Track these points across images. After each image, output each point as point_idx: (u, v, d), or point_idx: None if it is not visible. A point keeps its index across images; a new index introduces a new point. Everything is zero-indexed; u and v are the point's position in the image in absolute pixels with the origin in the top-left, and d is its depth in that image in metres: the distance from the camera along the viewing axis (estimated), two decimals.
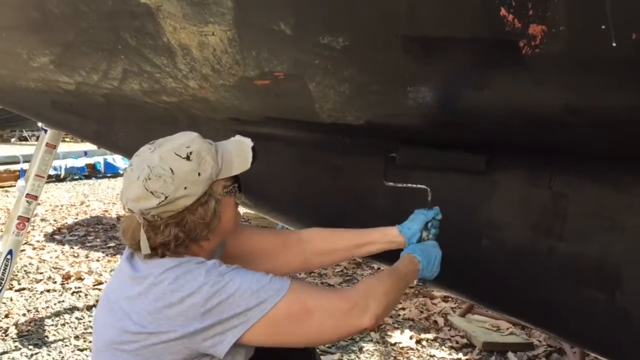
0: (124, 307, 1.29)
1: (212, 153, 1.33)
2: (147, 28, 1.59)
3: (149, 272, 1.30)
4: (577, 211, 1.43)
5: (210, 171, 1.31)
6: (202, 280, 1.25)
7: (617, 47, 0.88)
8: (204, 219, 1.31)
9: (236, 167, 1.37)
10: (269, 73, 1.47)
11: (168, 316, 1.24)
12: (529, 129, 1.29)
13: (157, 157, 1.29)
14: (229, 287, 1.25)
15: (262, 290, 1.26)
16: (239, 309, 1.24)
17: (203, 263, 1.30)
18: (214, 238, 1.37)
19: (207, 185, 1.31)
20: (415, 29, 1.10)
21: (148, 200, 1.27)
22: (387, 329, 3.55)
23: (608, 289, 1.40)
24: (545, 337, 3.33)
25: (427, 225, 1.58)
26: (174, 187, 1.27)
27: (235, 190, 1.38)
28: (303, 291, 1.30)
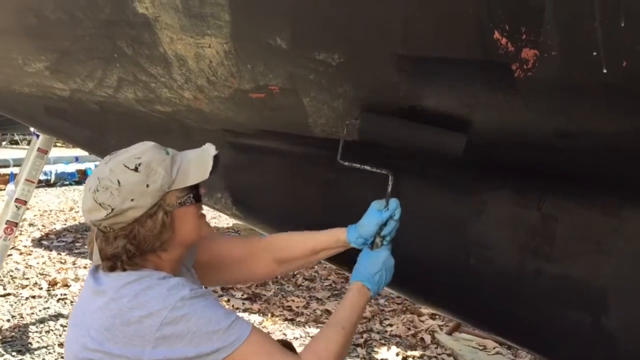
0: (86, 322, 1.27)
1: (166, 164, 1.31)
2: (144, 38, 1.60)
3: (109, 285, 1.27)
4: (565, 233, 1.44)
5: (161, 182, 1.29)
6: (162, 302, 1.22)
7: (608, 73, 0.89)
8: (152, 231, 1.28)
9: (193, 177, 1.33)
10: (264, 86, 1.48)
11: (125, 334, 1.21)
12: (520, 150, 1.30)
13: (108, 169, 1.29)
14: (187, 320, 1.21)
15: (217, 336, 1.22)
16: (190, 353, 1.20)
17: (165, 279, 1.27)
18: (173, 249, 1.34)
19: (158, 197, 1.29)
20: (410, 48, 1.12)
21: (97, 212, 1.27)
22: (374, 345, 3.54)
23: (594, 312, 1.41)
24: (531, 357, 3.33)
25: (381, 231, 1.47)
26: (120, 199, 1.26)
27: (190, 200, 1.34)
28: (254, 351, 1.25)
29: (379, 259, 1.47)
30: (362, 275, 1.45)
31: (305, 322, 3.88)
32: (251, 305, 4.18)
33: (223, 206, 2.10)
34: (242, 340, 1.24)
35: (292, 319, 3.92)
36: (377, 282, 1.45)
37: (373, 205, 1.49)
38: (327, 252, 1.58)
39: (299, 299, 4.33)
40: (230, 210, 2.10)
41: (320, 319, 3.95)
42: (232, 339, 1.23)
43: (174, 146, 1.44)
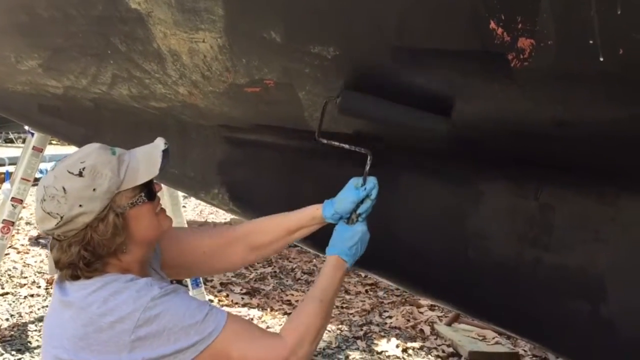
0: (57, 334, 1.25)
1: (112, 165, 1.27)
2: (137, 34, 1.58)
3: (76, 295, 1.26)
4: (563, 223, 1.44)
5: (108, 184, 1.25)
6: (132, 304, 1.20)
7: (605, 61, 0.89)
8: (105, 235, 1.25)
9: (142, 175, 1.30)
10: (259, 80, 1.47)
11: (99, 341, 1.20)
12: (517, 140, 1.30)
13: (53, 176, 1.26)
14: (161, 318, 1.20)
15: (194, 329, 1.22)
16: (169, 349, 1.20)
17: (133, 281, 1.25)
18: (134, 250, 1.31)
19: (107, 199, 1.25)
20: (406, 40, 1.11)
21: (48, 221, 1.25)
22: (374, 337, 3.55)
23: (592, 300, 1.41)
24: (531, 347, 3.35)
25: (357, 208, 1.46)
26: (67, 206, 1.23)
27: (142, 200, 1.30)
28: (233, 338, 1.25)
29: (356, 233, 1.45)
30: (338, 248, 1.43)
31: None
32: (250, 300, 4.19)
33: (220, 202, 2.10)
34: (220, 329, 1.23)
35: (291, 312, 3.92)
36: (353, 255, 1.44)
37: (351, 182, 1.47)
38: (303, 231, 1.55)
39: (297, 293, 4.33)
40: (228, 206, 2.10)
41: None
42: (209, 330, 1.22)
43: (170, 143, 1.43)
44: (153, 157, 1.32)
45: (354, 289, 4.47)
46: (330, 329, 3.66)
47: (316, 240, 1.60)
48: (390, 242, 1.71)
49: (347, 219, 1.47)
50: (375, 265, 1.80)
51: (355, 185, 1.47)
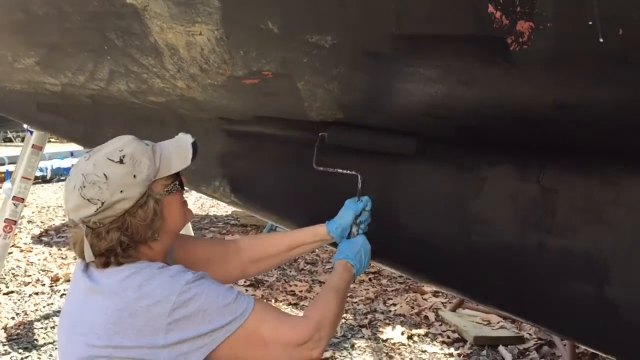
0: (87, 322, 1.27)
1: (149, 154, 1.33)
2: (134, 28, 1.58)
3: (108, 281, 1.28)
4: (566, 205, 1.44)
5: (147, 172, 1.31)
6: (167, 288, 1.24)
7: (605, 42, 0.88)
8: (145, 220, 1.30)
9: (175, 164, 1.37)
10: (258, 72, 1.47)
11: (134, 325, 1.22)
12: (518, 124, 1.30)
13: (91, 164, 1.30)
14: (196, 300, 1.24)
15: (227, 309, 1.26)
16: (205, 329, 1.24)
17: (165, 268, 1.29)
18: (164, 238, 1.36)
19: (145, 187, 1.30)
20: (404, 27, 1.10)
21: (86, 208, 1.27)
22: (379, 325, 3.57)
23: (596, 282, 1.41)
24: (536, 330, 3.36)
25: (357, 220, 1.62)
26: (109, 192, 1.27)
27: (176, 187, 1.38)
28: (263, 317, 1.30)
29: (358, 242, 1.61)
30: (345, 254, 1.57)
31: None
32: (254, 291, 4.20)
33: (222, 194, 2.10)
34: (250, 309, 1.29)
35: (296, 303, 3.93)
36: (359, 261, 1.57)
37: (347, 201, 1.66)
38: (303, 248, 1.68)
39: (301, 283, 4.34)
40: (229, 198, 2.10)
41: None
42: (241, 309, 1.28)
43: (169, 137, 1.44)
44: (183, 148, 1.41)
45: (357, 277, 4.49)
46: None
47: None
48: (393, 230, 1.71)
49: (348, 235, 1.63)
50: (378, 253, 1.80)
51: (352, 202, 1.65)
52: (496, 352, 3.18)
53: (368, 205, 1.64)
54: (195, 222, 6.34)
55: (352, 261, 1.56)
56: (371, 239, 1.64)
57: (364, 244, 1.61)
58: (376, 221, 1.67)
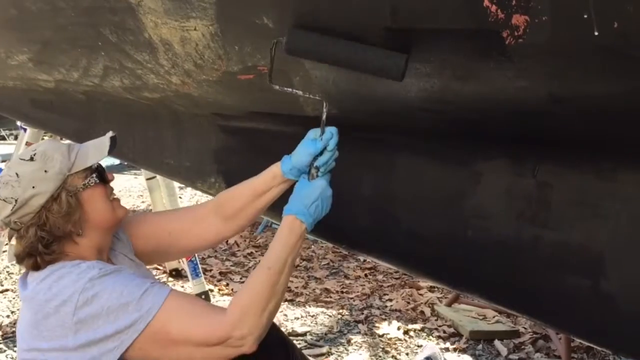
0: (19, 330, 1.33)
1: (62, 150, 1.36)
2: (128, 24, 1.57)
3: (30, 287, 1.32)
4: (561, 199, 1.44)
5: (60, 166, 1.33)
6: (72, 287, 1.25)
7: (600, 35, 0.88)
8: (60, 213, 1.31)
9: (92, 158, 1.39)
10: (253, 67, 1.46)
11: (47, 327, 1.24)
12: (513, 118, 1.30)
13: (7, 166, 1.35)
14: (99, 298, 1.23)
15: (132, 306, 1.23)
16: (110, 330, 1.22)
17: (77, 265, 1.30)
18: (90, 234, 1.37)
19: (59, 180, 1.33)
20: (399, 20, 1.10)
21: (3, 208, 1.31)
22: (375, 321, 3.57)
23: (592, 276, 1.42)
24: (531, 324, 3.37)
25: (315, 161, 1.40)
26: (21, 189, 1.30)
27: (94, 181, 1.38)
28: (171, 316, 1.24)
29: (315, 188, 1.38)
30: (295, 207, 1.37)
31: (305, 301, 3.90)
32: None
33: (217, 190, 2.09)
34: (159, 305, 1.24)
35: (292, 299, 3.93)
36: (312, 214, 1.36)
37: (309, 134, 1.42)
38: (271, 193, 1.52)
39: (297, 279, 4.34)
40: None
41: (320, 297, 3.97)
42: (147, 307, 1.23)
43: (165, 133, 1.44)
44: (101, 142, 1.43)
45: (353, 273, 4.48)
46: (331, 314, 3.68)
47: None
48: (388, 224, 1.71)
49: (308, 175, 1.40)
50: (374, 248, 1.80)
51: (312, 137, 1.41)
52: (492, 346, 3.19)
53: (331, 143, 1.39)
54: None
55: (303, 216, 1.35)
56: (367, 233, 1.64)
57: (322, 190, 1.38)
58: (372, 215, 1.67)
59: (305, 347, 3.16)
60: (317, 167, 1.40)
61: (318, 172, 1.40)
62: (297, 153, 1.43)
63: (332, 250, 4.95)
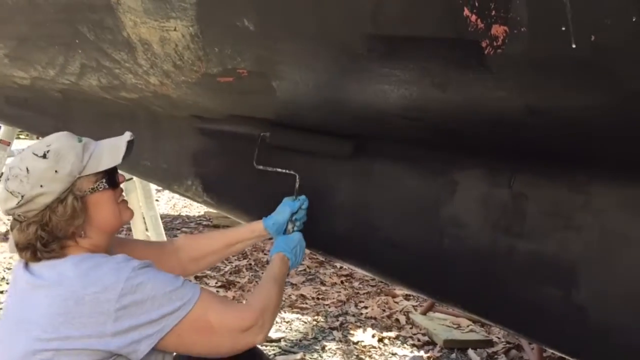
0: (31, 316, 1.25)
1: (77, 150, 1.34)
2: (106, 22, 1.55)
3: (52, 273, 1.28)
4: (536, 210, 1.45)
5: (71, 168, 1.31)
6: (115, 275, 1.24)
7: (577, 48, 0.89)
8: (63, 217, 1.30)
9: (105, 162, 1.37)
10: (233, 70, 1.45)
11: (82, 314, 1.21)
12: (490, 128, 1.30)
13: (19, 158, 1.33)
14: (143, 287, 1.25)
15: (175, 295, 1.28)
16: (154, 316, 1.25)
17: (110, 257, 1.30)
18: (93, 236, 1.36)
19: (68, 182, 1.31)
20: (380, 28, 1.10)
21: (9, 200, 1.30)
22: (350, 328, 3.56)
23: (564, 287, 1.43)
24: (504, 333, 3.40)
25: (293, 217, 1.70)
26: (29, 185, 1.28)
27: (103, 186, 1.37)
28: (209, 304, 1.33)
29: (294, 238, 1.68)
30: (282, 248, 1.64)
31: (280, 307, 3.89)
32: (226, 292, 4.16)
33: (194, 193, 2.07)
34: (197, 295, 1.31)
35: None
36: (295, 255, 1.65)
37: (285, 199, 1.72)
38: (242, 245, 1.76)
39: None
40: (202, 198, 2.08)
41: (296, 303, 3.95)
42: (189, 295, 1.30)
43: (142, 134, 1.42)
44: (117, 146, 1.40)
45: (329, 280, 4.48)
46: (306, 320, 3.66)
47: None
48: (365, 232, 1.71)
49: (284, 231, 1.71)
50: (350, 255, 1.80)
51: (289, 200, 1.71)
52: (465, 355, 3.21)
53: (304, 204, 1.71)
54: (167, 222, 6.27)
55: (289, 255, 1.63)
56: (344, 241, 1.64)
57: (300, 240, 1.68)
58: (349, 222, 1.66)
59: (279, 353, 3.14)
60: (294, 220, 1.71)
61: (294, 227, 1.72)
62: (279, 212, 1.70)
63: (309, 257, 4.94)
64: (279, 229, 1.69)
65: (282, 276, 1.58)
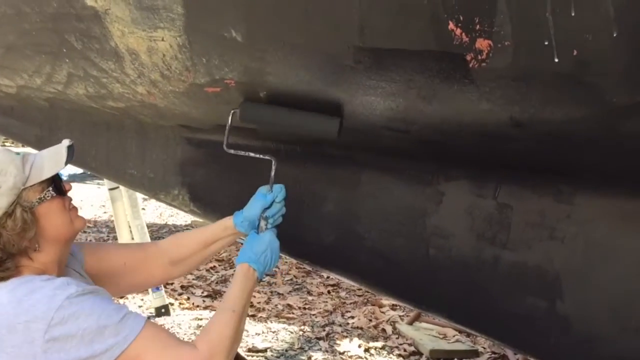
0: None
1: (16, 163, 1.29)
2: (94, 32, 1.55)
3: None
4: (520, 221, 1.47)
5: (14, 180, 1.27)
6: (47, 303, 1.18)
7: (559, 62, 0.91)
8: (14, 230, 1.25)
9: (48, 170, 1.33)
10: (220, 80, 1.46)
11: (13, 343, 1.17)
12: (476, 140, 1.32)
13: None
14: (75, 318, 1.18)
15: (109, 331, 1.19)
16: (83, 353, 1.17)
17: (49, 281, 1.24)
18: (47, 248, 1.31)
19: (14, 195, 1.27)
20: (366, 40, 1.11)
21: None
22: (336, 338, 3.56)
23: (549, 297, 1.44)
24: (490, 343, 3.41)
25: (265, 213, 1.52)
26: None
27: (50, 194, 1.32)
28: (149, 344, 1.23)
29: (264, 240, 1.49)
30: (247, 257, 1.45)
31: (267, 317, 3.87)
32: (212, 302, 4.14)
33: (180, 203, 2.07)
34: (136, 333, 1.21)
35: (254, 314, 3.90)
36: (263, 262, 1.46)
37: (259, 189, 1.56)
38: (219, 243, 1.63)
39: (260, 295, 4.31)
40: (188, 207, 2.07)
41: (282, 313, 3.94)
42: (124, 333, 1.20)
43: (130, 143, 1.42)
44: (58, 152, 1.36)
45: (316, 289, 4.47)
46: (293, 330, 3.65)
47: None
48: (351, 241, 1.71)
49: (257, 228, 1.52)
50: (336, 264, 1.80)
51: (262, 192, 1.54)
52: None
53: (279, 196, 1.53)
54: (154, 231, 6.24)
55: (254, 264, 1.44)
56: (331, 250, 1.64)
57: (270, 241, 1.49)
58: (336, 232, 1.67)
59: None
60: (267, 217, 1.52)
61: (267, 225, 1.52)
62: (249, 206, 1.54)
63: (296, 266, 4.93)
64: (250, 226, 1.53)
65: (243, 300, 1.40)
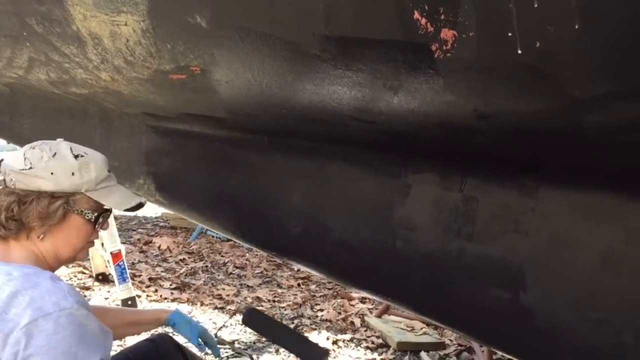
0: None
1: (100, 175, 1.36)
2: (55, 15, 1.51)
3: None
4: (485, 214, 1.47)
5: (82, 181, 1.32)
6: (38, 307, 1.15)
7: (522, 54, 0.91)
8: (42, 210, 1.28)
9: (111, 200, 1.38)
10: (185, 67, 1.43)
11: None
12: (441, 133, 1.32)
13: (56, 143, 1.35)
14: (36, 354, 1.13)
15: None
16: None
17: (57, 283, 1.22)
18: (48, 247, 1.32)
19: (71, 190, 1.31)
20: (332, 28, 1.10)
21: (18, 162, 1.30)
22: (305, 330, 3.56)
23: (512, 289, 1.45)
24: (456, 336, 3.44)
25: None
26: (44, 165, 1.29)
27: (91, 216, 1.34)
28: None
29: None
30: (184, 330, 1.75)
31: (235, 310, 3.85)
32: (180, 294, 4.10)
33: (146, 192, 2.03)
34: None
35: (222, 307, 3.87)
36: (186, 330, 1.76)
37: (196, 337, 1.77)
38: (146, 327, 1.79)
39: (229, 287, 4.28)
40: (154, 197, 2.04)
41: (251, 306, 3.92)
42: None
43: (93, 130, 1.39)
44: (130, 197, 1.43)
45: (286, 282, 4.46)
46: None
47: None
48: (318, 234, 1.71)
49: None
50: (303, 257, 1.80)
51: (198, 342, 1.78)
52: (418, 357, 3.24)
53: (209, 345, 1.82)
54: (123, 223, 6.14)
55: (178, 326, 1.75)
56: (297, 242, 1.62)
57: None
58: (303, 224, 1.66)
59: (232, 356, 3.10)
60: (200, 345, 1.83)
61: None
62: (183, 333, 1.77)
63: (267, 259, 4.91)
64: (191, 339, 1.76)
65: None
